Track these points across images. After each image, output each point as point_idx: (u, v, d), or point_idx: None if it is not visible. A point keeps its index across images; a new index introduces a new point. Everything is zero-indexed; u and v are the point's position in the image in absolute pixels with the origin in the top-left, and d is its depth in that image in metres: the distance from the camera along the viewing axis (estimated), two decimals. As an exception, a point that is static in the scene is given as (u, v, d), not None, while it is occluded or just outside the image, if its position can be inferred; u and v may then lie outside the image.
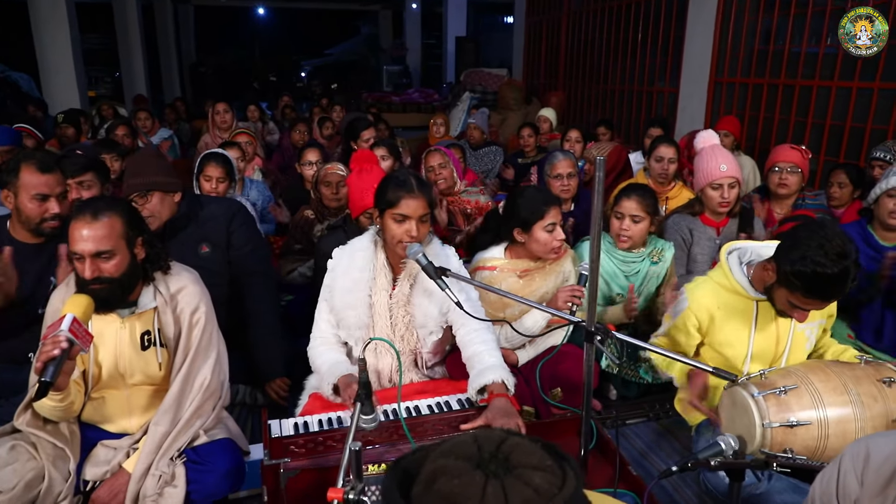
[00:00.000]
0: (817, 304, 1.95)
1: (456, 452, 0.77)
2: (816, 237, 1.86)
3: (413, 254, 2.04)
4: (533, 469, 0.74)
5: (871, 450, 1.28)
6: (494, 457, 0.75)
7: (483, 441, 0.78)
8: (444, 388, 2.29)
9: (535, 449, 0.78)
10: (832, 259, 1.82)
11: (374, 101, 11.36)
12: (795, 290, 1.92)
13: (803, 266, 1.86)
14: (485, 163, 5.69)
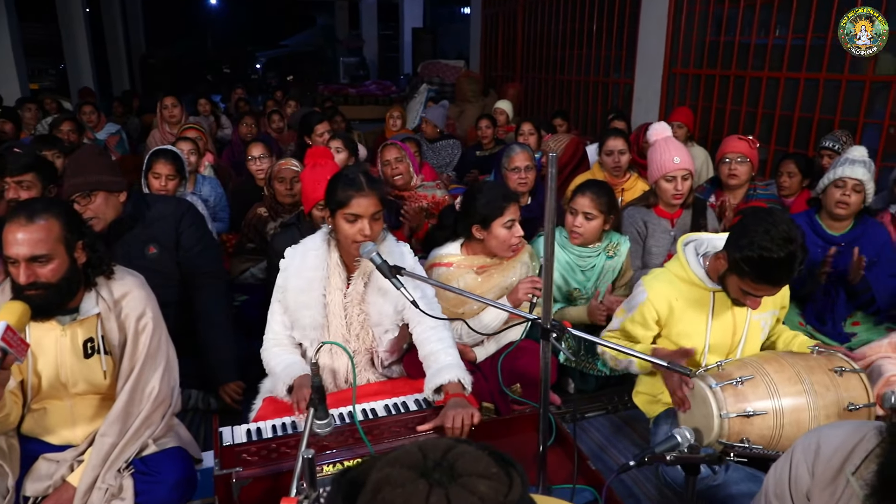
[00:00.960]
0: (767, 290, 1.97)
1: (401, 461, 0.76)
2: (763, 224, 1.89)
3: (367, 253, 2.00)
4: (478, 477, 0.73)
5: (821, 442, 1.30)
6: (439, 465, 0.74)
7: (429, 449, 0.77)
8: (401, 388, 2.26)
9: (482, 456, 0.76)
10: (778, 244, 1.85)
11: (330, 93, 11.19)
12: (745, 276, 1.94)
13: (751, 251, 1.88)
14: (442, 156, 5.65)
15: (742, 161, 3.43)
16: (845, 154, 3.07)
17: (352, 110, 10.78)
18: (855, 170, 2.92)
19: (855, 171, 2.92)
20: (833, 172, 2.98)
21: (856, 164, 2.94)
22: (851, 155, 3.02)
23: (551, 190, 1.58)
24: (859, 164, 2.95)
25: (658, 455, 1.57)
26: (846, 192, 2.93)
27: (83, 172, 2.46)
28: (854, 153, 3.02)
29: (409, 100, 9.80)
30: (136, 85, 15.38)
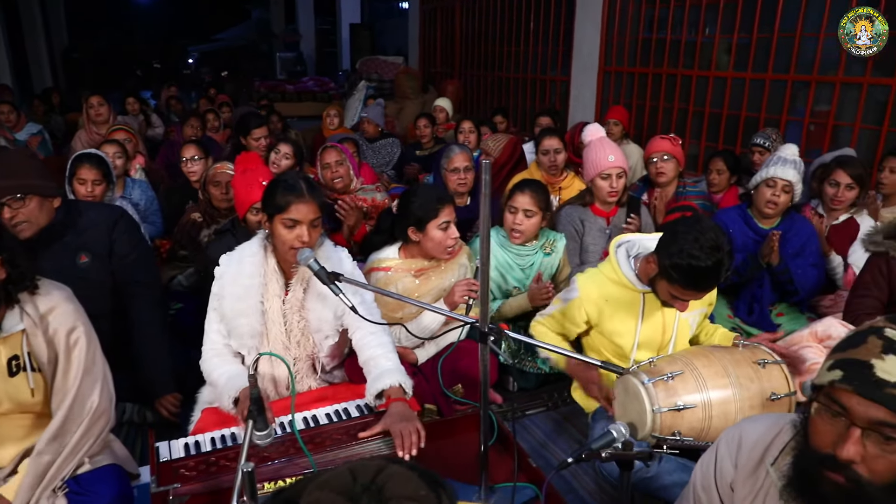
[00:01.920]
0: (695, 295, 2.06)
1: (331, 484, 0.77)
2: (692, 232, 1.96)
3: (304, 259, 1.98)
4: (406, 499, 0.74)
5: (743, 435, 1.36)
6: (368, 489, 0.75)
7: (359, 472, 0.78)
8: (343, 394, 2.25)
9: (411, 478, 0.78)
10: (706, 252, 1.92)
11: (267, 89, 10.99)
12: (674, 282, 2.02)
13: (680, 259, 1.95)
14: (382, 155, 5.63)
15: (668, 159, 3.56)
16: (778, 152, 3.20)
17: (289, 107, 10.61)
18: (786, 171, 3.06)
19: (786, 173, 3.05)
20: (765, 171, 3.12)
21: (787, 165, 3.08)
22: (783, 153, 3.15)
23: (485, 196, 1.60)
24: (790, 164, 3.09)
25: (594, 452, 1.62)
26: (776, 192, 3.08)
27: (15, 175, 2.34)
28: (786, 152, 3.16)
29: (348, 97, 9.71)
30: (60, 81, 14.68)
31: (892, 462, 1.06)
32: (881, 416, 1.04)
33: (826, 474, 1.10)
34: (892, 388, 1.03)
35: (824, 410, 1.12)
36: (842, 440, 1.07)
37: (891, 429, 1.04)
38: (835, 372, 1.10)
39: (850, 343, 1.13)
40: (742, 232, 3.24)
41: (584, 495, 2.25)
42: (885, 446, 1.06)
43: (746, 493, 1.32)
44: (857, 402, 1.06)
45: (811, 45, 4.84)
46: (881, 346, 1.08)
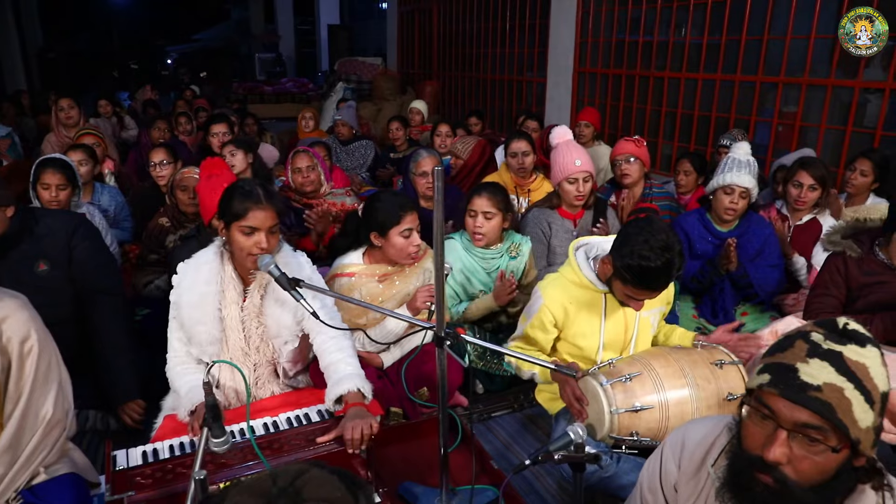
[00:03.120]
0: (648, 294, 2.09)
1: (251, 489, 0.80)
2: (643, 233, 2.00)
3: (265, 265, 1.98)
4: (322, 501, 0.77)
5: (686, 437, 1.39)
6: (285, 491, 0.77)
7: (279, 476, 0.81)
8: (306, 399, 2.26)
9: (330, 480, 0.80)
10: (656, 252, 1.96)
11: (245, 91, 10.93)
12: (627, 282, 2.06)
13: (631, 260, 2.00)
14: (356, 157, 5.63)
15: (633, 161, 3.60)
16: (731, 153, 3.23)
17: (268, 108, 10.58)
18: (741, 177, 3.09)
19: (742, 179, 3.09)
20: (722, 178, 3.15)
21: (742, 171, 3.11)
22: (737, 155, 3.19)
23: (438, 203, 1.62)
24: (745, 169, 3.12)
25: (551, 453, 1.64)
26: (734, 199, 3.12)
27: None
28: (738, 153, 3.20)
29: (326, 98, 9.70)
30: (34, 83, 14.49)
31: (818, 463, 1.09)
32: (805, 418, 1.07)
33: (756, 475, 1.13)
34: (815, 391, 1.06)
35: (754, 413, 1.15)
36: (769, 442, 1.10)
37: (815, 431, 1.07)
38: (763, 376, 1.13)
39: (780, 347, 1.16)
40: (701, 236, 3.28)
41: (545, 496, 2.27)
42: (810, 448, 1.08)
43: (689, 494, 1.35)
44: (782, 405, 1.09)
45: (778, 48, 4.92)
46: (807, 349, 1.11)
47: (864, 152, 3.77)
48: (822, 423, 1.06)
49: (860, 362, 1.08)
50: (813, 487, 1.10)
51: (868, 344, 1.11)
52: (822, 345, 1.10)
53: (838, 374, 1.07)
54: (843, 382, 1.06)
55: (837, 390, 1.06)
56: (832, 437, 1.07)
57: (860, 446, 1.08)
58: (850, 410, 1.06)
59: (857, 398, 1.06)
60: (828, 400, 1.06)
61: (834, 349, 1.09)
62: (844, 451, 1.08)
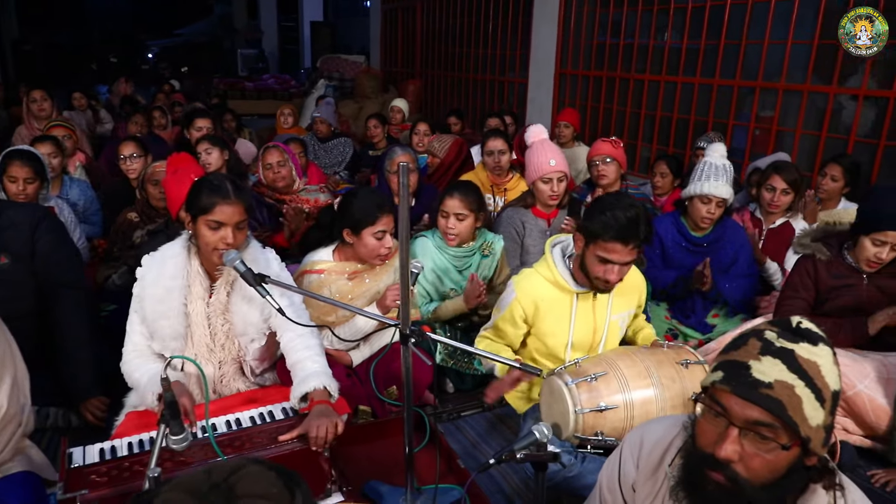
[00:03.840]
0: (619, 249, 2.08)
1: (183, 485, 0.78)
2: (611, 198, 2.13)
3: (230, 261, 1.96)
4: (256, 497, 0.76)
5: (644, 436, 1.39)
6: (218, 487, 0.76)
7: (214, 471, 0.80)
8: (273, 396, 2.23)
9: (266, 476, 0.79)
10: (624, 206, 2.07)
11: (226, 86, 10.84)
12: (598, 238, 2.09)
13: (602, 214, 2.07)
14: (334, 155, 5.59)
15: (609, 162, 3.61)
16: (707, 156, 3.21)
17: (249, 105, 10.50)
18: (719, 188, 3.07)
19: (720, 190, 3.07)
20: (699, 186, 3.12)
21: (719, 179, 3.07)
22: (713, 159, 3.16)
23: (403, 198, 1.60)
24: (722, 177, 3.08)
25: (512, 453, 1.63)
26: (711, 209, 3.11)
27: None
28: (714, 156, 3.18)
29: (308, 95, 9.64)
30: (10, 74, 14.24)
31: (768, 461, 1.09)
32: (756, 415, 1.07)
33: (708, 473, 1.12)
34: (766, 389, 1.06)
35: (708, 411, 1.15)
36: (721, 440, 1.10)
37: (766, 428, 1.07)
38: (717, 373, 1.13)
39: (734, 345, 1.16)
40: (676, 241, 3.28)
41: (511, 495, 2.26)
42: (761, 445, 1.08)
43: (647, 494, 1.35)
44: (734, 402, 1.09)
45: (756, 53, 4.96)
46: (760, 347, 1.11)
47: (835, 158, 3.81)
48: (773, 421, 1.06)
49: (812, 360, 1.09)
50: (764, 486, 1.10)
51: (820, 343, 1.11)
52: (775, 343, 1.10)
53: (789, 372, 1.07)
54: (794, 380, 1.06)
55: (788, 388, 1.06)
56: (783, 435, 1.07)
57: (810, 444, 1.08)
58: (801, 408, 1.06)
59: (808, 396, 1.06)
60: (778, 397, 1.06)
61: (786, 347, 1.09)
62: (795, 449, 1.08)
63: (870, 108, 4.39)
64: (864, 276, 2.78)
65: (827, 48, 4.46)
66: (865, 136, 4.37)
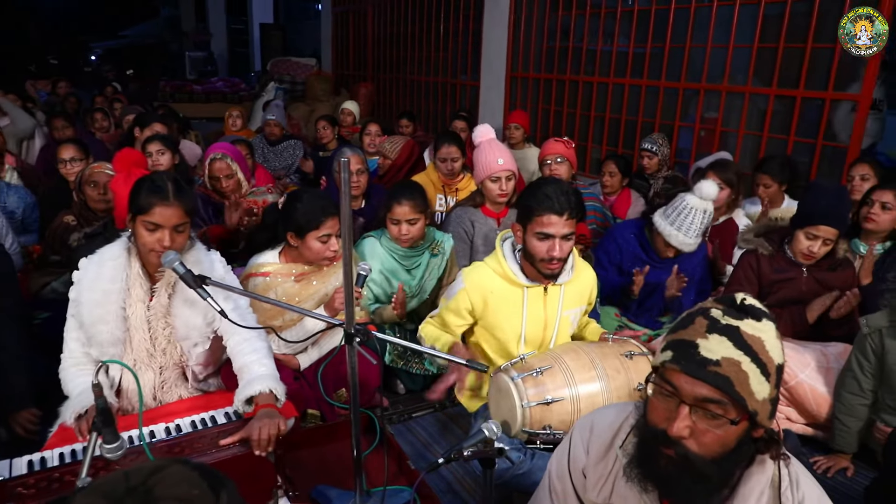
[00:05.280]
0: (556, 220, 2.10)
1: (100, 489, 0.74)
2: (539, 180, 2.22)
3: (169, 262, 1.89)
4: (176, 500, 0.72)
5: (594, 422, 1.39)
6: (135, 491, 0.72)
7: (133, 474, 0.75)
8: (217, 402, 2.16)
9: (188, 478, 0.75)
10: (552, 181, 2.18)
11: (173, 89, 10.56)
12: (533, 213, 2.13)
13: (536, 190, 2.14)
14: (285, 157, 5.51)
15: (561, 161, 3.64)
16: (693, 202, 2.91)
17: (197, 108, 10.27)
18: (690, 243, 2.93)
19: (689, 245, 2.94)
20: (675, 236, 2.93)
21: (697, 235, 2.93)
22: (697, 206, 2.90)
23: (345, 194, 1.57)
24: (696, 231, 2.92)
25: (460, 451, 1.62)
26: (668, 251, 3.02)
27: None
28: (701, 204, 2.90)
29: (258, 98, 9.49)
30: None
31: (719, 436, 1.11)
32: (706, 393, 1.09)
33: (660, 449, 1.14)
34: (714, 366, 1.08)
35: (658, 390, 1.16)
36: (672, 417, 1.11)
37: (715, 405, 1.09)
38: (666, 353, 1.14)
39: (682, 324, 1.17)
40: (636, 255, 3.16)
41: (463, 495, 2.25)
42: (710, 422, 1.10)
43: (598, 478, 1.35)
44: (684, 380, 1.10)
45: (699, 56, 5.08)
46: (706, 325, 1.12)
47: (759, 167, 3.87)
48: (722, 397, 1.08)
49: (756, 336, 1.11)
50: (714, 460, 1.12)
51: (764, 318, 1.14)
52: (721, 320, 1.12)
53: (735, 348, 1.09)
54: (741, 356, 1.09)
55: (735, 364, 1.08)
56: (731, 411, 1.09)
57: (758, 417, 1.10)
58: (748, 383, 1.08)
59: (754, 371, 1.09)
60: (726, 374, 1.08)
61: (732, 324, 1.11)
62: (743, 423, 1.11)
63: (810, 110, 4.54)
64: (804, 269, 2.87)
65: (766, 51, 4.60)
66: (804, 136, 4.51)
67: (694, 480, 1.12)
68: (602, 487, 1.34)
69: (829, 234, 2.74)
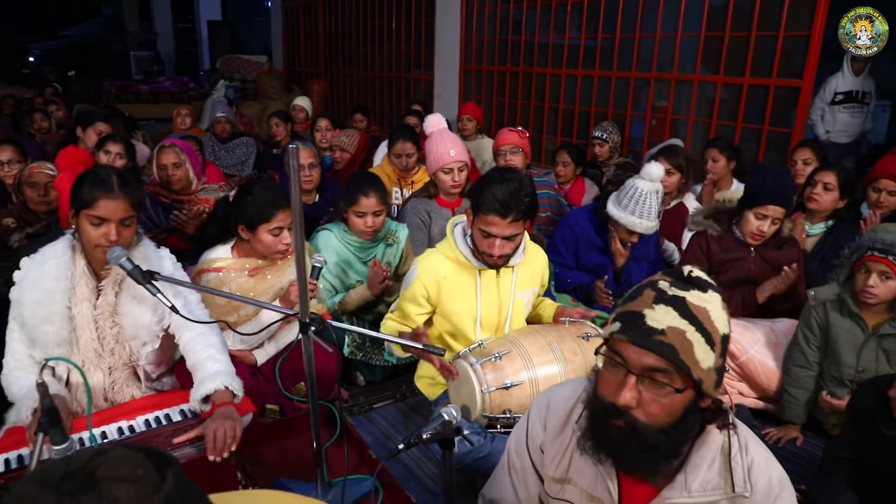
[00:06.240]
0: (498, 222, 2.11)
1: (38, 477, 0.72)
2: (493, 171, 2.19)
3: (115, 258, 1.83)
4: (118, 481, 0.69)
5: (551, 399, 1.41)
6: (75, 475, 0.69)
7: (74, 459, 0.72)
8: (172, 401, 2.11)
9: (132, 459, 0.73)
10: (503, 180, 2.11)
11: (118, 90, 10.27)
12: (480, 212, 2.13)
13: (484, 186, 2.12)
14: (237, 155, 5.42)
15: (516, 151, 3.66)
16: (640, 182, 2.94)
17: (145, 109, 10.02)
18: (646, 226, 2.96)
19: (646, 228, 2.97)
20: (628, 219, 2.94)
21: (651, 217, 2.95)
22: (645, 187, 2.92)
23: (294, 182, 1.55)
24: (651, 213, 2.94)
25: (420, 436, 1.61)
26: (633, 237, 3.05)
27: None
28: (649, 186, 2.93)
29: (208, 97, 9.30)
30: None
31: (665, 405, 1.13)
32: (651, 362, 1.11)
33: (610, 421, 1.15)
34: (660, 335, 1.10)
35: (608, 361, 1.17)
36: (620, 387, 1.13)
37: (660, 374, 1.11)
38: (615, 324, 1.16)
39: (631, 296, 1.19)
40: (591, 241, 3.21)
41: (426, 481, 2.25)
42: (657, 391, 1.12)
43: (556, 453, 1.36)
44: (631, 350, 1.12)
45: (649, 46, 5.17)
46: (653, 296, 1.14)
47: (709, 142, 4.05)
48: (667, 366, 1.10)
49: (701, 306, 1.13)
50: (662, 429, 1.14)
51: (710, 289, 1.16)
52: (668, 291, 1.14)
53: (681, 318, 1.11)
54: (685, 325, 1.11)
55: (680, 333, 1.10)
56: (676, 379, 1.11)
57: (703, 386, 1.13)
58: (692, 352, 1.10)
59: (699, 340, 1.11)
60: (671, 343, 1.09)
61: (678, 295, 1.13)
62: (689, 391, 1.13)
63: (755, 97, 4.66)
64: (752, 249, 2.95)
65: (713, 40, 4.71)
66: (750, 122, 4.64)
67: (642, 449, 1.14)
68: (560, 462, 1.36)
69: (777, 214, 2.83)
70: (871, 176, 3.42)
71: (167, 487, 0.71)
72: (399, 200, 3.82)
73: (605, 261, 3.18)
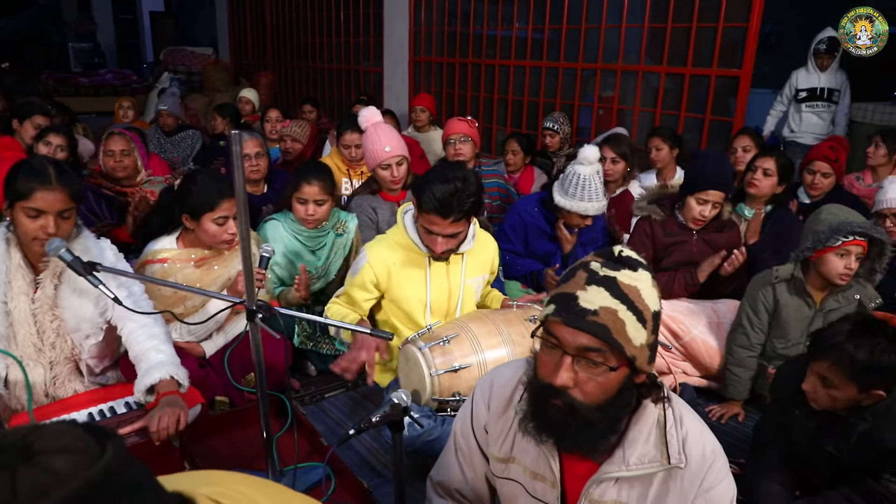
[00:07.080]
0: (439, 221, 2.13)
1: None
2: (437, 168, 2.19)
3: (54, 250, 1.79)
4: (56, 452, 0.68)
5: (494, 379, 1.43)
6: (12, 446, 0.68)
7: (10, 433, 0.71)
8: (117, 394, 2.08)
9: (71, 432, 0.71)
10: (445, 179, 2.10)
11: (56, 82, 9.89)
12: (422, 210, 2.15)
13: (425, 184, 2.12)
14: (182, 148, 5.30)
15: (464, 140, 3.68)
16: (579, 167, 2.96)
17: (85, 102, 9.66)
18: (594, 207, 2.97)
19: (594, 209, 2.98)
20: (575, 204, 2.96)
21: (594, 198, 2.95)
22: (585, 172, 2.94)
23: (237, 168, 1.54)
24: (596, 194, 2.95)
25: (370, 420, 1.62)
26: (585, 220, 3.06)
27: None
28: (588, 170, 2.95)
29: (152, 90, 9.05)
30: None
31: (600, 384, 1.16)
32: (585, 342, 1.13)
33: (549, 401, 1.18)
34: (592, 316, 1.13)
35: (544, 343, 1.20)
36: (557, 368, 1.16)
37: (595, 353, 1.14)
38: (550, 307, 1.18)
39: (565, 279, 1.22)
40: (540, 228, 3.24)
41: (379, 468, 2.26)
42: (592, 370, 1.15)
43: (499, 433, 1.39)
44: (566, 331, 1.15)
45: (595, 37, 5.26)
46: (586, 278, 1.17)
47: (653, 130, 4.15)
48: (601, 345, 1.13)
49: (632, 285, 1.16)
50: (599, 406, 1.17)
51: (640, 268, 1.19)
52: (599, 272, 1.17)
53: (612, 298, 1.14)
54: (617, 305, 1.13)
55: (612, 312, 1.13)
56: (611, 358, 1.14)
57: (637, 363, 1.16)
58: (624, 330, 1.13)
59: (630, 318, 1.14)
60: (603, 322, 1.12)
61: (609, 275, 1.16)
62: (623, 369, 1.16)
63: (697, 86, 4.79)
64: (694, 232, 3.04)
65: (657, 31, 4.82)
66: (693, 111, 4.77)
67: (580, 427, 1.17)
68: (503, 442, 1.39)
69: (717, 198, 2.92)
70: (807, 159, 3.56)
71: (107, 459, 0.70)
72: (349, 191, 3.80)
73: (553, 248, 3.23)
